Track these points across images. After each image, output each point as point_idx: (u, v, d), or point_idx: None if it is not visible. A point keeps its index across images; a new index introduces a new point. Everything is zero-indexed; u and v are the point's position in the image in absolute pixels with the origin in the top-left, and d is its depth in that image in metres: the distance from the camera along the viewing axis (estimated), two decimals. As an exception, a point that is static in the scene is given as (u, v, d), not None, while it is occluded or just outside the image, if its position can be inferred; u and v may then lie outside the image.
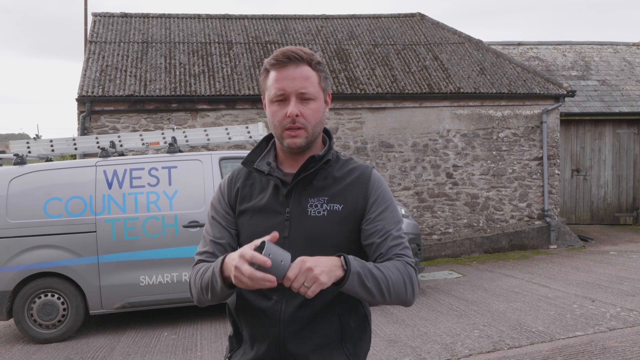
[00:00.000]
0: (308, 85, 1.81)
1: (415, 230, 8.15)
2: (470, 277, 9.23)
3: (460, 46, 12.92)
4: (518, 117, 11.88)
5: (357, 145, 11.22)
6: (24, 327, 6.83)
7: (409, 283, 1.78)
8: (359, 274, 1.66)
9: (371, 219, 1.84)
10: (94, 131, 10.20)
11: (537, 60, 15.55)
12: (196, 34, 12.39)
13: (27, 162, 7.23)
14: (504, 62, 12.55)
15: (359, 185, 1.86)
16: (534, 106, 11.92)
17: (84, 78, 10.60)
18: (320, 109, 1.85)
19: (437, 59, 12.36)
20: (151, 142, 7.96)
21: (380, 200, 1.87)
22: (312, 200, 1.84)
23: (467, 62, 12.37)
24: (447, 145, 11.58)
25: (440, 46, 12.84)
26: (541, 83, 12.04)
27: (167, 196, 7.15)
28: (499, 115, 11.81)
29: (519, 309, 6.94)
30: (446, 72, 11.97)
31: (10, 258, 6.80)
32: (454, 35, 13.29)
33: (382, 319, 6.86)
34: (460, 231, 11.62)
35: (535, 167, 11.92)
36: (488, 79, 11.97)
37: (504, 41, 16.33)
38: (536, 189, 11.92)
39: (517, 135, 11.86)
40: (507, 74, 12.19)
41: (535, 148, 11.91)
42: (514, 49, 15.96)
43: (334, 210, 1.83)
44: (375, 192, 1.87)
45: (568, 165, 14.24)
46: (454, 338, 5.93)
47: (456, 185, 11.62)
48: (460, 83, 11.72)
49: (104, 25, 12.31)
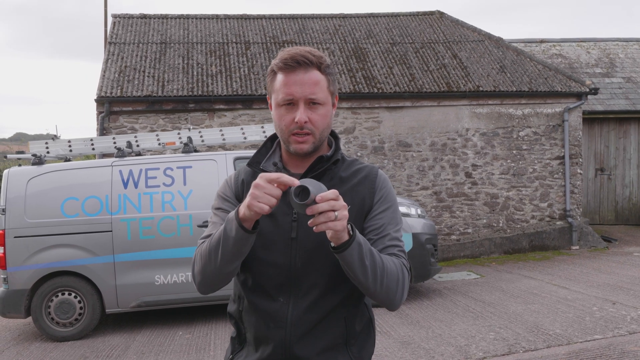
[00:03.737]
0: (317, 90, 1.76)
1: (432, 231, 8.06)
2: (489, 278, 9.10)
3: (479, 44, 12.76)
4: (539, 115, 11.69)
5: (375, 144, 11.15)
6: (41, 325, 6.92)
7: (402, 282, 1.75)
8: (360, 245, 1.63)
9: (372, 216, 1.82)
10: (113, 131, 10.29)
11: (560, 58, 15.29)
12: (214, 34, 12.43)
13: (45, 162, 7.32)
14: (524, 60, 12.36)
15: (365, 185, 1.85)
16: (555, 104, 11.72)
17: (103, 79, 10.71)
18: (328, 114, 1.81)
19: (456, 57, 12.22)
20: (167, 142, 7.99)
21: (384, 199, 1.85)
22: None
23: (486, 60, 12.21)
24: (466, 144, 11.44)
25: (460, 44, 12.70)
26: (563, 81, 11.83)
27: (182, 196, 7.18)
28: (519, 114, 11.63)
29: (536, 311, 6.82)
30: (465, 71, 11.83)
31: (28, 257, 6.89)
32: (474, 33, 13.13)
33: (397, 320, 6.79)
34: (480, 231, 11.47)
35: (557, 166, 11.72)
36: (508, 77, 11.80)
37: (526, 38, 16.09)
38: (558, 188, 11.72)
39: (538, 134, 11.67)
40: (527, 71, 12.00)
41: (556, 147, 11.71)
42: (536, 46, 15.72)
43: None
44: (381, 191, 1.86)
45: (592, 165, 13.97)
46: (469, 340, 5.84)
47: (475, 185, 11.48)
48: (480, 81, 11.57)
49: (123, 27, 12.42)
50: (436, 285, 8.70)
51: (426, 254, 7.72)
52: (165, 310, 7.75)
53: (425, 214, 8.26)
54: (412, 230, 7.66)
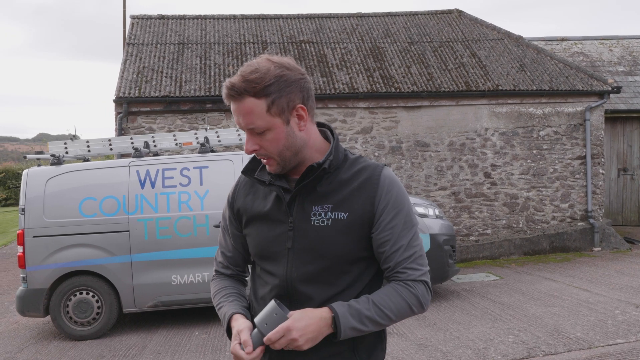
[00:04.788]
0: (253, 119, 1.67)
1: (450, 232, 7.97)
2: (508, 279, 8.98)
3: (499, 42, 12.61)
4: (560, 114, 11.51)
5: (392, 144, 11.07)
6: (59, 324, 6.98)
7: (416, 304, 1.74)
8: (353, 328, 1.65)
9: (381, 228, 1.73)
10: (131, 131, 10.35)
11: (581, 56, 15.05)
12: (231, 34, 12.45)
13: (63, 162, 7.38)
14: (545, 58, 12.18)
15: (366, 189, 1.74)
16: (576, 103, 11.53)
17: (121, 79, 10.78)
18: (279, 136, 1.70)
19: (475, 56, 12.08)
20: (184, 142, 8.00)
21: (391, 205, 1.74)
22: (316, 208, 1.75)
23: (506, 59, 12.06)
24: (485, 144, 11.30)
25: (479, 43, 12.56)
26: (584, 79, 11.63)
27: (199, 196, 7.18)
28: (539, 113, 11.46)
29: (557, 314, 6.69)
30: (484, 69, 11.69)
31: (47, 256, 6.95)
32: (493, 31, 12.98)
33: (414, 322, 6.72)
34: (499, 232, 11.33)
35: (578, 166, 11.53)
36: (528, 75, 11.64)
37: (547, 37, 15.87)
38: (579, 189, 11.53)
39: (559, 133, 11.49)
40: (548, 70, 11.82)
41: (578, 147, 11.52)
42: (557, 44, 15.49)
43: (339, 219, 1.73)
44: (385, 198, 1.73)
45: (614, 165, 13.72)
46: (487, 343, 5.75)
47: (495, 185, 11.34)
48: (499, 80, 11.42)
49: (141, 28, 12.50)
50: (454, 287, 8.60)
51: (444, 255, 7.63)
52: (181, 310, 7.77)
53: (443, 215, 8.17)
54: (429, 231, 7.58)
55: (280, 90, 1.67)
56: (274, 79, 1.66)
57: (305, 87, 1.73)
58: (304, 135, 1.75)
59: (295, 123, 1.72)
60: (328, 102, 10.92)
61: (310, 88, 1.76)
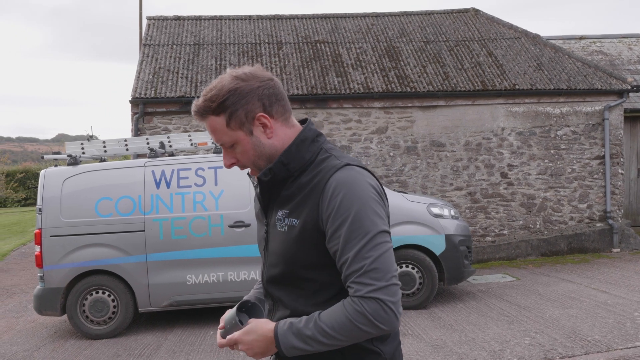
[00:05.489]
0: (219, 136, 1.69)
1: (466, 232, 7.90)
2: (525, 281, 8.88)
3: (516, 41, 12.48)
4: (578, 114, 11.37)
5: (408, 144, 11.01)
6: (76, 323, 7.04)
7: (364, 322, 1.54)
8: (294, 347, 1.60)
9: (329, 237, 1.62)
10: (147, 132, 10.41)
11: (600, 55, 14.86)
12: (246, 34, 12.48)
13: (80, 162, 7.44)
14: (562, 57, 12.04)
15: (314, 194, 1.64)
16: (595, 102, 11.38)
17: (137, 80, 10.85)
18: (248, 147, 1.69)
19: (492, 55, 11.98)
20: (199, 143, 8.03)
21: (335, 213, 1.58)
22: (280, 212, 1.73)
23: (523, 58, 11.94)
24: (502, 144, 11.20)
25: (495, 42, 12.45)
26: (603, 78, 11.48)
27: (213, 196, 7.20)
28: (557, 113, 11.33)
29: (574, 316, 6.60)
30: (501, 69, 11.58)
31: (64, 256, 7.01)
32: (510, 30, 12.86)
33: (429, 322, 6.67)
34: (516, 233, 11.22)
35: (597, 166, 11.37)
36: (545, 74, 11.51)
37: (565, 35, 15.69)
38: (597, 189, 11.38)
39: (577, 133, 11.35)
40: (566, 69, 11.68)
41: (596, 146, 11.36)
42: (575, 43, 15.31)
43: (292, 225, 1.68)
44: (330, 204, 1.59)
45: (634, 165, 13.52)
46: (503, 345, 5.69)
47: (511, 186, 11.23)
48: (516, 79, 11.31)
49: (157, 29, 12.57)
50: (470, 288, 8.54)
51: (459, 256, 7.57)
52: (196, 310, 7.80)
53: (458, 215, 8.11)
54: (445, 232, 7.53)
55: (235, 103, 1.66)
56: (228, 93, 1.65)
57: (265, 94, 1.69)
58: (274, 141, 1.71)
59: (260, 132, 1.70)
60: (343, 102, 10.90)
61: (274, 93, 1.71)
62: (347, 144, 10.88)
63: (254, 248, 7.12)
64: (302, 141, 1.73)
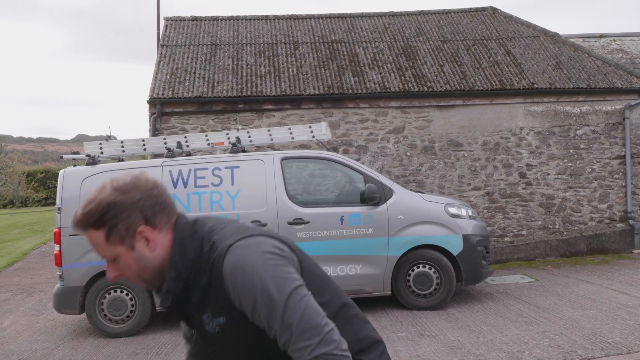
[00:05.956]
0: (99, 250, 1.61)
1: (483, 232, 7.83)
2: (544, 281, 8.78)
3: (534, 40, 12.36)
4: (598, 113, 11.22)
5: (425, 144, 10.95)
6: (94, 322, 7.10)
7: None
8: None
9: (252, 319, 1.57)
10: (165, 132, 10.48)
11: (620, 53, 14.64)
12: (263, 34, 12.50)
13: (98, 162, 7.50)
14: (582, 56, 11.89)
15: (219, 289, 1.58)
16: (615, 101, 11.22)
17: (155, 80, 10.93)
18: (129, 262, 1.61)
19: (510, 54, 11.87)
20: (216, 143, 8.06)
21: (243, 297, 1.54)
22: (204, 316, 1.65)
23: (541, 57, 11.81)
24: (520, 143, 11.09)
25: (513, 40, 12.33)
26: (624, 77, 11.31)
27: (230, 196, 7.22)
28: (576, 112, 11.19)
29: (594, 318, 6.51)
30: (519, 67, 11.47)
31: (82, 255, 7.06)
32: (528, 29, 12.73)
33: (446, 323, 6.63)
34: (535, 233, 11.10)
35: (617, 166, 11.21)
36: (565, 73, 11.37)
37: (585, 33, 15.48)
38: (618, 189, 11.22)
39: (597, 132, 11.20)
40: (585, 67, 11.54)
41: (616, 146, 11.21)
42: (595, 41, 15.10)
43: (222, 323, 1.61)
44: (235, 291, 1.54)
45: (655, 164, 13.30)
46: (522, 347, 5.63)
47: (530, 185, 11.11)
48: (535, 78, 11.20)
49: (175, 29, 12.65)
50: (488, 289, 8.46)
51: (477, 257, 7.51)
52: (213, 309, 7.81)
53: (476, 215, 8.04)
54: (462, 232, 7.47)
55: (114, 217, 1.56)
56: (106, 207, 1.56)
57: (147, 205, 1.59)
58: (159, 252, 1.62)
59: (143, 246, 1.60)
60: (360, 101, 10.87)
61: (158, 202, 1.61)
62: (363, 144, 10.85)
63: (270, 248, 7.12)
64: (181, 244, 1.64)
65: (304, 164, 8.44)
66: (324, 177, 9.18)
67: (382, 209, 7.32)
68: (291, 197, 7.35)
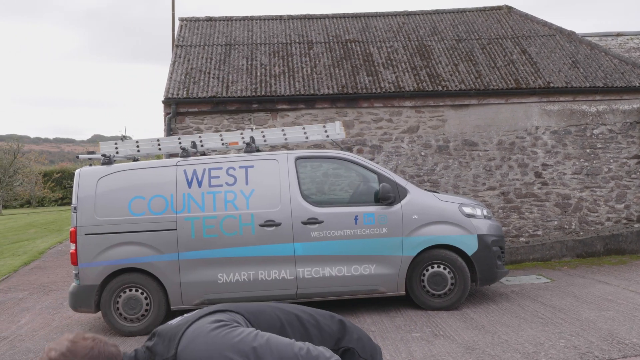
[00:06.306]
0: None
1: (498, 232, 7.78)
2: (560, 282, 8.70)
3: (550, 38, 12.25)
4: (615, 112, 11.09)
5: (439, 143, 10.90)
6: (110, 320, 7.15)
7: None
8: None
9: None
10: (179, 132, 10.53)
11: (638, 52, 14.46)
12: (277, 34, 12.52)
13: (114, 162, 7.56)
14: (599, 54, 11.77)
15: None
16: (633, 100, 11.08)
17: (170, 81, 10.99)
18: None
19: (525, 53, 11.78)
20: (230, 142, 8.08)
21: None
22: None
23: (557, 55, 11.71)
24: (536, 143, 11.00)
25: (529, 39, 12.23)
26: (641, 75, 11.17)
27: (244, 195, 7.24)
28: (593, 111, 11.08)
29: (611, 319, 6.44)
30: (535, 66, 11.38)
31: (98, 254, 7.13)
32: (544, 27, 12.62)
33: (461, 323, 6.59)
34: (550, 233, 11.00)
35: (635, 165, 11.08)
36: (581, 72, 11.26)
37: (601, 32, 15.32)
38: (635, 189, 11.08)
39: (614, 131, 11.07)
40: (602, 66, 11.41)
41: (634, 145, 11.07)
42: (612, 40, 14.94)
43: None
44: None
45: (673, 164, 13.12)
46: (537, 347, 5.58)
47: (546, 185, 11.01)
48: (550, 77, 11.10)
49: (189, 30, 12.71)
50: (503, 289, 8.40)
51: (492, 257, 7.46)
52: (228, 308, 7.83)
53: (491, 215, 7.98)
54: (477, 232, 7.42)
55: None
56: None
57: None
58: None
59: None
60: (374, 101, 10.85)
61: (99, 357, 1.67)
62: (377, 144, 10.82)
63: (284, 247, 7.14)
64: None
65: (318, 164, 8.44)
66: (338, 177, 9.18)
67: (396, 209, 7.29)
68: (305, 197, 7.35)
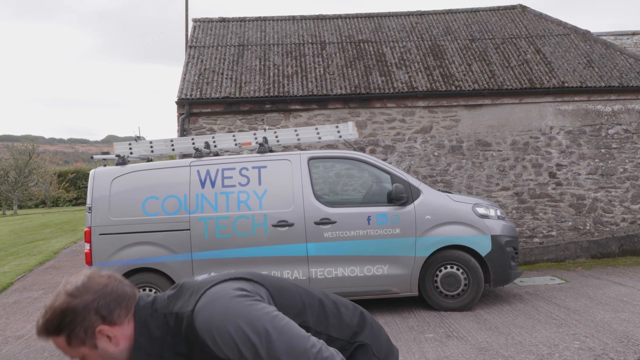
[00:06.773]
0: (66, 353, 1.66)
1: (512, 233, 7.73)
2: (574, 283, 8.63)
3: (565, 38, 12.16)
4: (630, 112, 10.98)
5: (452, 144, 10.86)
6: (124, 319, 7.19)
7: None
8: None
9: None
10: (193, 132, 10.59)
11: (654, 50, 14.31)
12: (290, 35, 12.54)
13: (128, 162, 7.61)
14: (614, 53, 11.66)
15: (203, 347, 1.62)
16: (649, 100, 10.96)
17: (183, 81, 11.05)
18: (97, 359, 1.66)
19: (540, 52, 11.70)
20: (243, 143, 8.11)
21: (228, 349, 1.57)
22: None
23: (572, 55, 11.62)
24: (550, 143, 10.92)
25: (543, 38, 12.15)
26: (657, 74, 11.05)
27: (257, 195, 7.26)
28: (608, 111, 10.98)
29: (627, 320, 6.38)
30: (549, 66, 11.30)
31: (112, 253, 7.19)
32: (558, 27, 12.53)
33: (474, 324, 6.56)
34: (565, 234, 10.92)
35: (651, 166, 10.96)
36: (596, 71, 11.17)
37: (617, 31, 15.19)
38: (651, 189, 10.96)
39: (629, 131, 10.96)
40: (617, 65, 11.31)
41: (650, 145, 10.95)
42: (627, 39, 14.80)
43: None
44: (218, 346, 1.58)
45: (690, 164, 12.97)
46: (551, 349, 5.54)
47: (560, 186, 10.93)
48: (565, 77, 11.01)
49: (203, 30, 12.77)
50: (517, 290, 8.35)
51: (506, 257, 7.41)
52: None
53: (505, 216, 7.94)
54: (491, 233, 7.38)
55: (70, 323, 1.60)
56: (61, 315, 1.60)
57: (102, 305, 1.62)
58: (124, 344, 1.66)
59: (106, 343, 1.64)
60: (387, 101, 10.83)
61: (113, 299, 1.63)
62: (390, 144, 10.81)
63: (297, 247, 7.15)
64: (143, 327, 1.67)
65: (330, 164, 8.44)
66: (351, 177, 9.17)
67: (409, 209, 7.28)
68: (318, 197, 7.36)
